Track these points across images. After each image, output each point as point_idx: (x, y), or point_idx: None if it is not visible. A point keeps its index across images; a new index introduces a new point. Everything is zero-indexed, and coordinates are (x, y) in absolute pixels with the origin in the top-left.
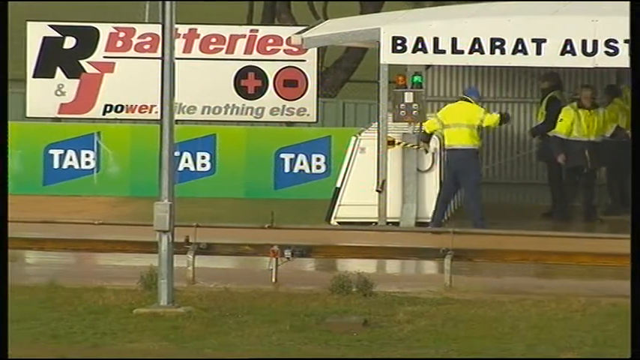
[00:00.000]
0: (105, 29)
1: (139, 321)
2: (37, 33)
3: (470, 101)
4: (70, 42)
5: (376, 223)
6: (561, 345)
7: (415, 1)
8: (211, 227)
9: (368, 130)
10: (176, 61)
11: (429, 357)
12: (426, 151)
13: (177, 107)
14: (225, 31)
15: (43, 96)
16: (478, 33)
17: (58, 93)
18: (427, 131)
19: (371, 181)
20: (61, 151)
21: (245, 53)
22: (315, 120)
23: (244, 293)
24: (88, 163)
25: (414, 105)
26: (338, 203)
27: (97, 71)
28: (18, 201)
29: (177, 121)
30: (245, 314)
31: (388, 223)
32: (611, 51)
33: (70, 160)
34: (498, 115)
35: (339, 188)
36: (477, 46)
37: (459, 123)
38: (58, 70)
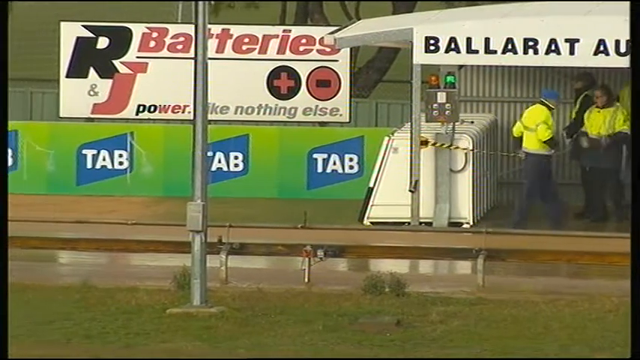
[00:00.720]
0: (138, 29)
1: (171, 321)
2: (70, 33)
3: (546, 104)
4: (103, 42)
5: (409, 223)
6: (595, 345)
7: (448, 1)
8: (244, 227)
9: (401, 130)
10: (209, 61)
11: (461, 357)
12: (523, 156)
13: (210, 107)
14: (258, 31)
15: (76, 96)
16: (511, 33)
17: (91, 93)
18: (515, 135)
19: (404, 182)
20: (94, 152)
21: (278, 53)
22: (347, 120)
23: (277, 293)
24: (121, 163)
25: (447, 105)
26: (371, 203)
27: (130, 71)
28: (51, 201)
29: (210, 121)
30: (278, 314)
31: (421, 223)
32: None
33: (104, 160)
34: (550, 137)
35: (372, 188)
36: (510, 46)
37: (528, 126)
38: (92, 70)
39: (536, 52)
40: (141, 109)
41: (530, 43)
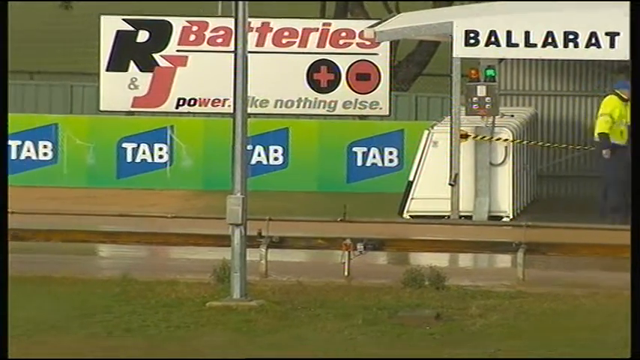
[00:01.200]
0: (178, 23)
1: (211, 314)
2: (110, 27)
3: (619, 95)
4: (143, 36)
5: (449, 216)
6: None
7: None
8: (284, 221)
9: (440, 123)
10: (249, 55)
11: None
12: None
13: (250, 101)
14: (298, 24)
15: (116, 90)
16: (551, 26)
17: (132, 87)
18: (606, 132)
19: (443, 175)
20: (135, 145)
21: (318, 47)
22: (387, 113)
23: (317, 287)
24: (161, 156)
25: (487, 98)
26: (410, 197)
27: (170, 65)
28: (91, 194)
29: (249, 114)
30: (317, 308)
31: (461, 216)
32: None
33: (143, 153)
34: (604, 131)
35: (412, 182)
36: (550, 40)
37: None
38: (132, 64)
39: (576, 45)
40: (181, 102)
41: (571, 37)
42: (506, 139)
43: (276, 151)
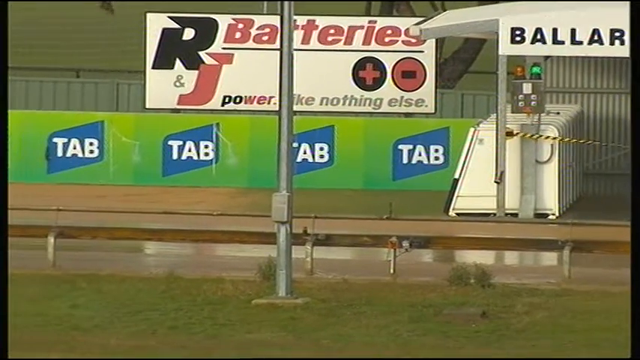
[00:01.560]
0: (224, 20)
1: (257, 312)
2: (156, 24)
3: None
4: (189, 33)
5: (494, 214)
6: None
7: None
8: (329, 218)
9: (486, 121)
10: (294, 53)
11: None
12: None
13: (296, 98)
14: (344, 22)
15: (162, 87)
16: (597, 24)
17: (177, 84)
18: None
19: (489, 173)
20: (180, 143)
21: (363, 44)
22: (433, 111)
23: (362, 284)
24: (206, 154)
25: (533, 96)
26: (456, 194)
27: (216, 62)
28: (138, 192)
29: (295, 112)
30: (363, 305)
31: (507, 214)
32: None
33: (189, 151)
34: None
35: (458, 179)
36: (596, 37)
37: None
38: (177, 62)
39: (622, 42)
40: (226, 100)
41: (617, 34)
42: (553, 137)
43: (321, 148)
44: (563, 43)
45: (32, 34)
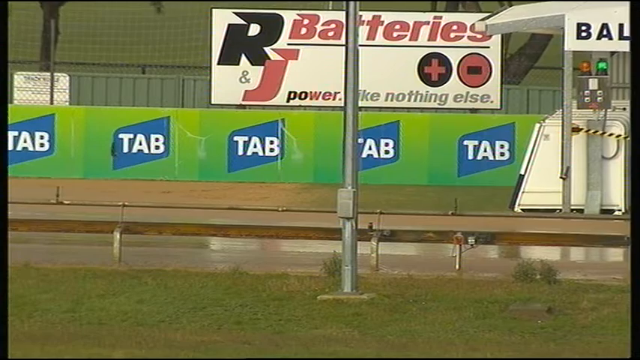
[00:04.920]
0: (289, 16)
1: (322, 307)
2: (222, 20)
3: None
4: (254, 29)
5: (560, 210)
6: None
7: None
8: (395, 214)
9: (552, 117)
10: (360, 48)
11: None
12: None
13: (361, 94)
14: (409, 17)
15: (227, 83)
16: None
17: (243, 80)
18: None
19: (555, 168)
20: (246, 138)
21: (429, 40)
22: (499, 107)
23: (427, 280)
24: (272, 149)
25: (599, 92)
26: (522, 190)
27: (281, 58)
28: (203, 187)
29: (360, 108)
30: (428, 301)
31: (572, 210)
32: None
33: (255, 146)
34: None
35: (523, 175)
36: None
37: None
38: (243, 57)
39: None
40: (292, 96)
41: None
42: (618, 135)
43: (387, 144)
44: (629, 38)
45: (98, 29)
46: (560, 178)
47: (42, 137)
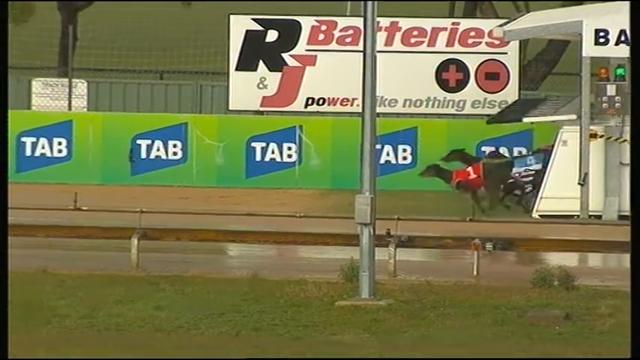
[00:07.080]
0: (307, 22)
1: (340, 313)
2: (240, 26)
3: None
4: (272, 35)
5: (578, 216)
6: None
7: None
8: (413, 220)
9: (570, 123)
10: (377, 54)
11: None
12: None
13: (379, 100)
14: (427, 24)
15: (245, 89)
16: None
17: (260, 86)
18: None
19: (573, 174)
20: (264, 144)
21: (447, 46)
22: None
23: (445, 286)
24: (290, 155)
25: (617, 98)
26: (540, 196)
27: (299, 64)
28: (221, 193)
29: (378, 114)
30: (446, 307)
31: (590, 216)
32: None
33: (272, 153)
34: None
35: (541, 181)
36: None
37: None
38: (261, 63)
39: None
40: (309, 102)
41: None
42: None
43: (404, 150)
44: None
45: (116, 35)
46: (579, 183)
47: (60, 143)
